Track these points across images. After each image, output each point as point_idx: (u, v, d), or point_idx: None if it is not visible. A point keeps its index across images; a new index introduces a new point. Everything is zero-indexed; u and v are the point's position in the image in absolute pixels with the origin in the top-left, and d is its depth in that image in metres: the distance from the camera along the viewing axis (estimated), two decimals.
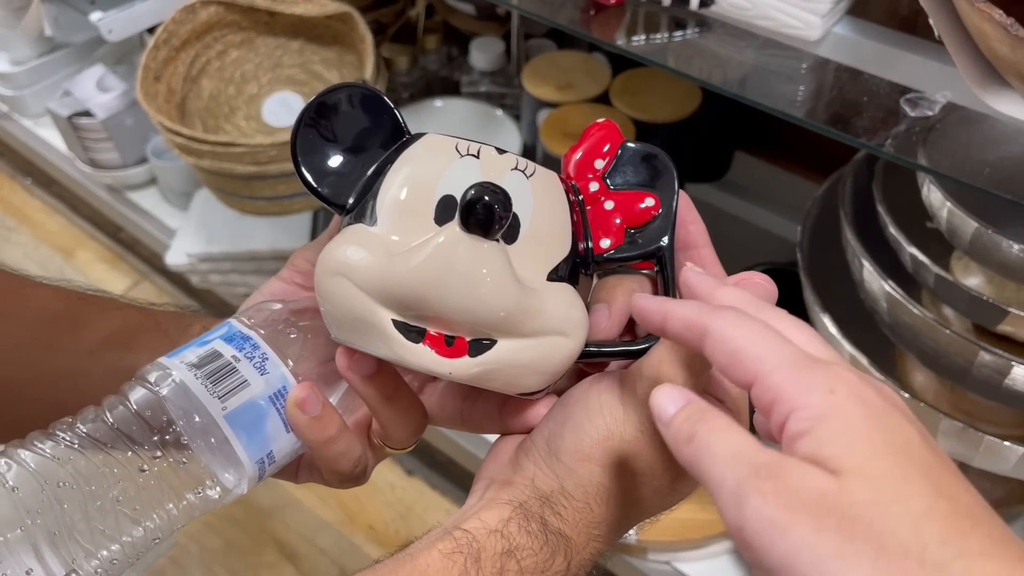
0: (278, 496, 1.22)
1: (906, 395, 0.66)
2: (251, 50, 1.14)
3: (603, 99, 1.02)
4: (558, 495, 0.36)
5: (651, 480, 0.36)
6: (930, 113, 0.60)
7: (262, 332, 0.38)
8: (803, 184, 1.06)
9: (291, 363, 0.38)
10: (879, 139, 0.62)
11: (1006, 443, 0.63)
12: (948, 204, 0.63)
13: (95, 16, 1.10)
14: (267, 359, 0.37)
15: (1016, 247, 0.60)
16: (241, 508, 1.20)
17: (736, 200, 1.14)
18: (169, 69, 1.09)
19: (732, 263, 0.41)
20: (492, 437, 0.41)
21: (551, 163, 1.02)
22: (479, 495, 0.38)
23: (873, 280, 0.68)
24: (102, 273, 1.52)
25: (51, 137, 1.43)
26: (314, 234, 1.22)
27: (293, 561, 1.16)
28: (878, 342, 0.72)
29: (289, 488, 1.22)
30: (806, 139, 1.08)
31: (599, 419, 0.36)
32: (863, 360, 0.69)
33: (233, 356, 0.37)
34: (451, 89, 1.20)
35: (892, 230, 0.67)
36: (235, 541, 1.18)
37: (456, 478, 1.20)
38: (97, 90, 1.27)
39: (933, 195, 0.64)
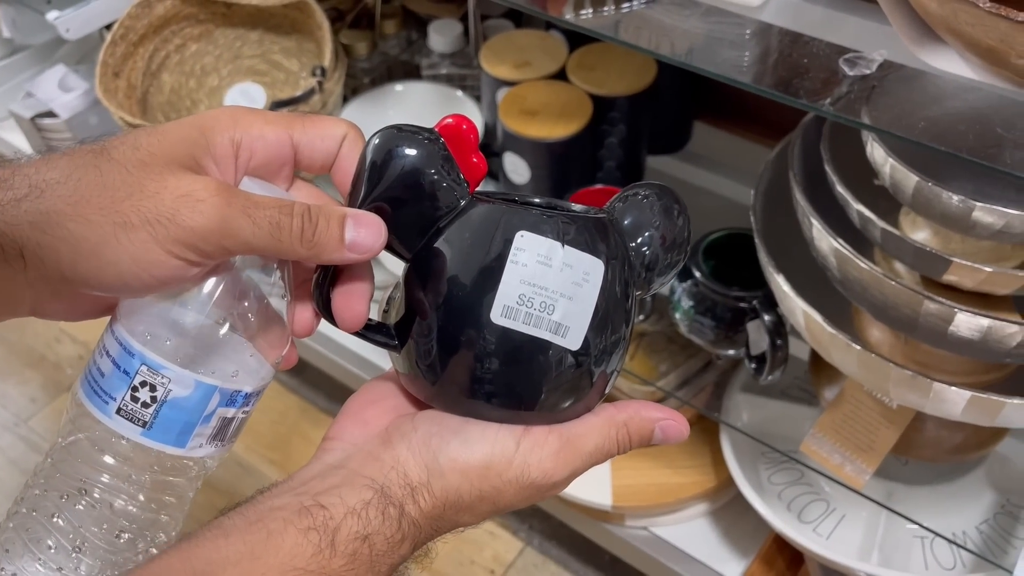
0: None
1: (858, 348, 0.68)
2: (210, 42, 1.14)
3: (560, 76, 1.03)
4: (423, 489, 0.39)
5: (493, 510, 0.40)
6: (868, 72, 0.61)
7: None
8: (762, 151, 1.08)
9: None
10: (822, 100, 0.63)
11: (953, 388, 0.65)
12: (890, 160, 0.65)
13: (52, 15, 1.10)
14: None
15: (956, 198, 0.62)
16: None
17: (697, 170, 1.15)
18: (128, 64, 1.09)
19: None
20: None
21: (512, 140, 1.03)
22: (338, 458, 0.40)
23: (822, 238, 0.69)
24: None
25: (15, 139, 1.43)
26: None
27: None
28: (833, 299, 0.74)
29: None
30: (763, 106, 1.10)
31: (489, 447, 0.39)
32: (817, 317, 0.71)
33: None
34: (412, 73, 1.21)
35: (839, 188, 0.69)
36: None
37: None
38: (59, 90, 1.27)
39: (876, 152, 0.66)
